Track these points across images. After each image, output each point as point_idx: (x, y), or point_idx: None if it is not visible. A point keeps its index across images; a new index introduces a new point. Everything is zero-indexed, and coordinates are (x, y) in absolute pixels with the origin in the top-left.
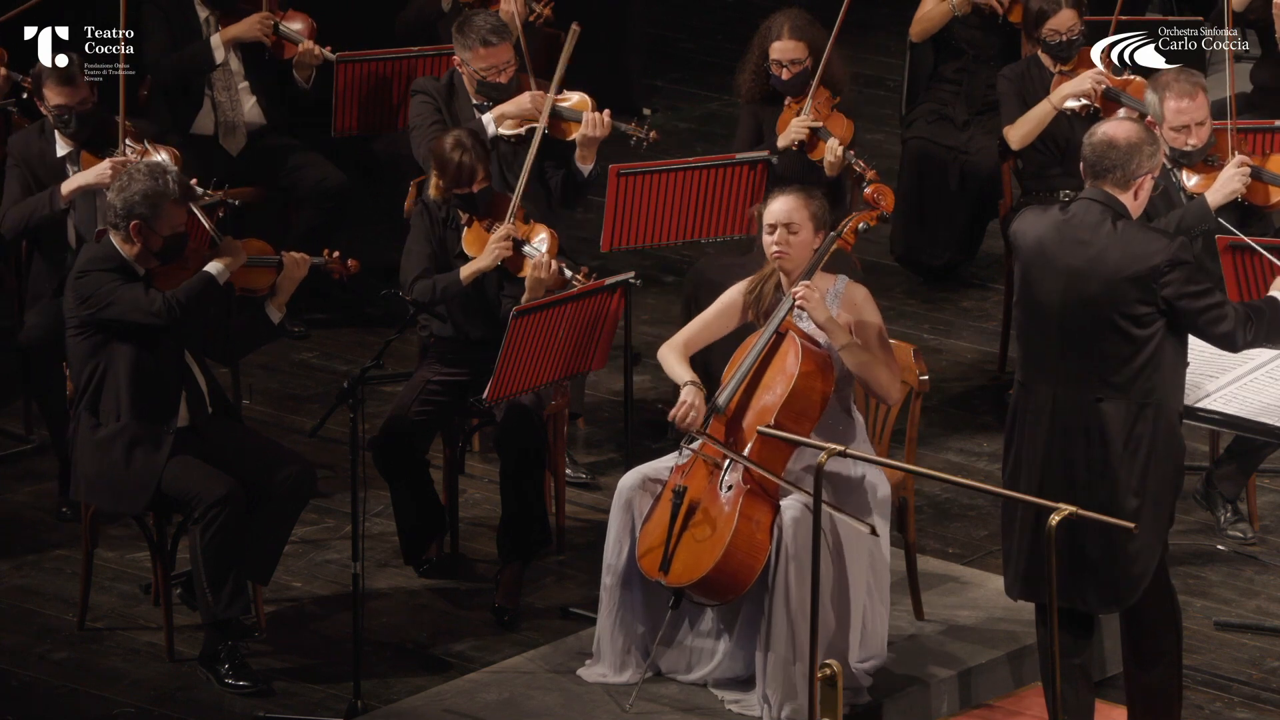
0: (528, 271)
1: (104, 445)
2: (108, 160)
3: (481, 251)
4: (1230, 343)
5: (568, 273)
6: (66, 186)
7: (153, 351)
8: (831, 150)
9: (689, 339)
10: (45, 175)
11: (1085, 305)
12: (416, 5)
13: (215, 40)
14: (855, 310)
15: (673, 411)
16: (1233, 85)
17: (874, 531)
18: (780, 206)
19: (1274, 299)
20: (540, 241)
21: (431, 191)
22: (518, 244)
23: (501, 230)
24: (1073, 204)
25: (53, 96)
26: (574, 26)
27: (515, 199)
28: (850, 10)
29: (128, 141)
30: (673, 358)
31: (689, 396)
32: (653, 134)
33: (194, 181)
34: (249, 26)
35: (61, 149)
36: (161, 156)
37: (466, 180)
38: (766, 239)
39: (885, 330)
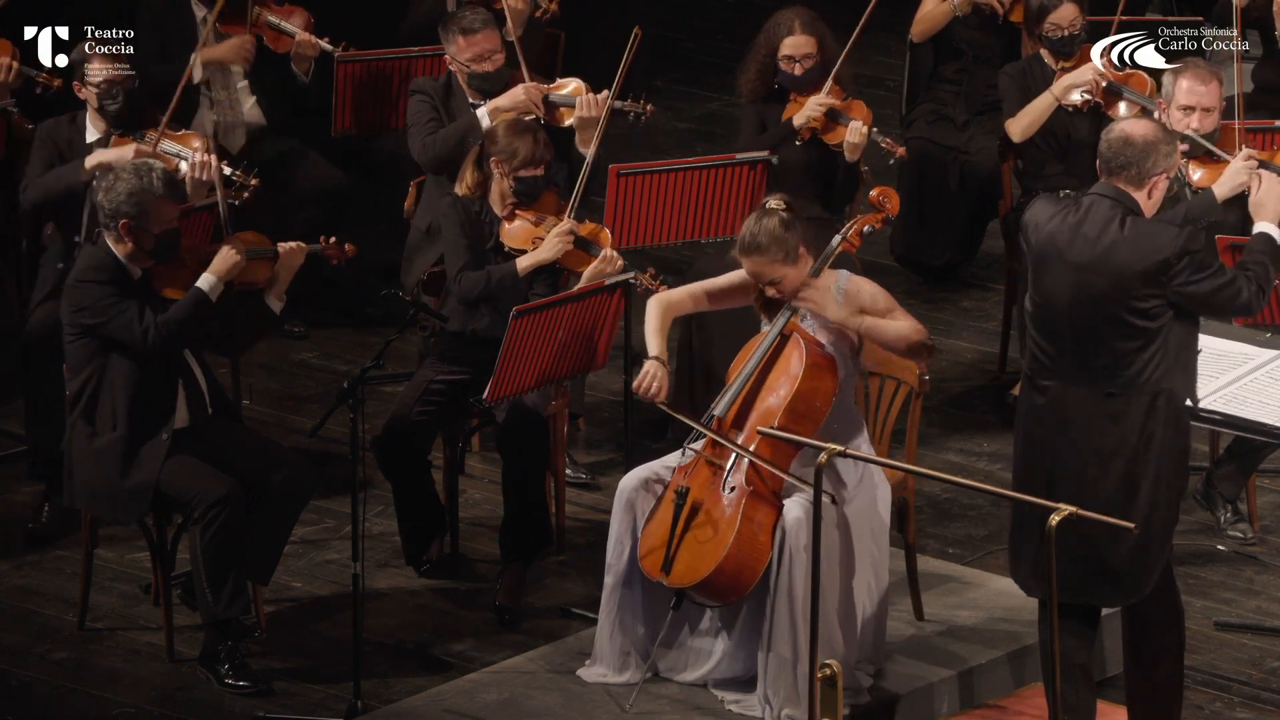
0: (590, 267)
1: (101, 456)
2: (133, 146)
3: (528, 243)
4: (1249, 311)
5: (632, 270)
6: (90, 160)
7: (149, 359)
8: (855, 131)
9: (688, 298)
10: (72, 158)
11: (1095, 301)
12: (423, 8)
13: (195, 59)
14: (860, 298)
15: (635, 382)
16: (1240, 84)
17: (834, 500)
18: (751, 270)
19: (1262, 235)
20: (605, 238)
21: (461, 188)
22: (581, 241)
23: (563, 224)
24: (1084, 199)
25: (99, 71)
26: (636, 30)
27: (576, 195)
28: (853, 11)
29: (164, 129)
30: (655, 318)
31: (651, 368)
32: (649, 108)
33: (225, 163)
34: (229, 51)
35: (91, 134)
36: (195, 144)
37: (539, 160)
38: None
39: (889, 298)
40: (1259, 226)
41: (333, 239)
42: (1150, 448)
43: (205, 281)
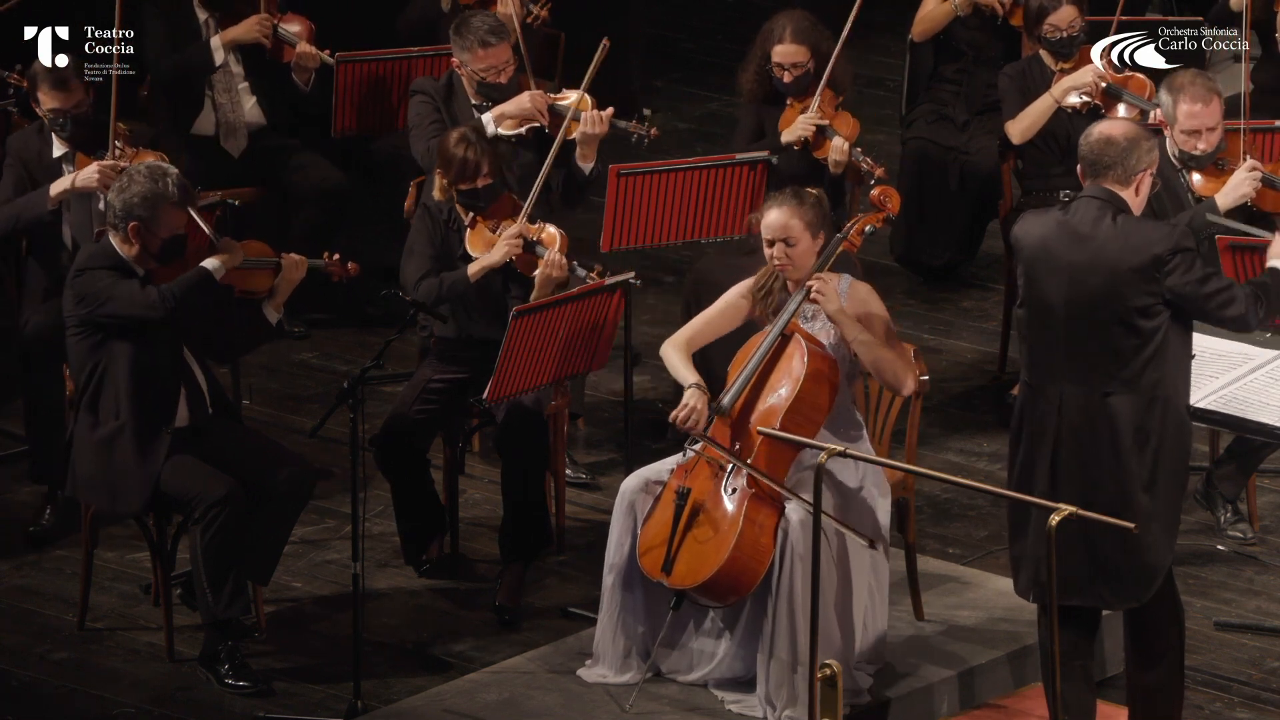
0: (538, 273)
1: (102, 445)
2: (95, 164)
3: (488, 249)
4: (1243, 324)
5: (580, 271)
6: (55, 189)
7: (152, 351)
8: (838, 149)
9: (692, 336)
10: (41, 175)
11: (1089, 301)
12: (419, 6)
13: (215, 42)
14: (862, 306)
15: (674, 413)
16: (1247, 84)
17: (872, 545)
18: (774, 220)
19: (1276, 269)
20: (550, 240)
21: (436, 193)
22: (528, 243)
23: (514, 228)
24: (1073, 202)
25: (47, 100)
26: (604, 41)
27: (531, 199)
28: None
29: (117, 144)
30: (676, 357)
31: (691, 399)
32: (653, 130)
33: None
34: (248, 29)
35: (58, 149)
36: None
37: (470, 175)
38: (767, 251)
39: (892, 324)
40: (1272, 263)
41: (336, 255)
42: (1146, 450)
43: (209, 263)
